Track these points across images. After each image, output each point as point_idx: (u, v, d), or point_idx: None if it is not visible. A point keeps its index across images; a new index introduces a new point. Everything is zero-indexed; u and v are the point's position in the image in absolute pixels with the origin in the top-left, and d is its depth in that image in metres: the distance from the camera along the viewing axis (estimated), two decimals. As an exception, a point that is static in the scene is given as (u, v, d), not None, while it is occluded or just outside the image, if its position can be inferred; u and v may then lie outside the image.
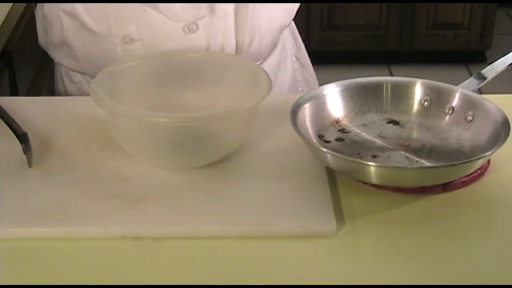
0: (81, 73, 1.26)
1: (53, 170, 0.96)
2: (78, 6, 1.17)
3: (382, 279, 0.79)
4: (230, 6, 1.17)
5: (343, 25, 3.13)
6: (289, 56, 1.35)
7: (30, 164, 0.96)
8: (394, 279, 0.79)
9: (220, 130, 0.94)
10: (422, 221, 0.88)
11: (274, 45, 1.28)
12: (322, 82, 1.05)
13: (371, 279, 0.79)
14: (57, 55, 1.25)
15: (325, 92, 1.03)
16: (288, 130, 0.96)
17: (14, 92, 1.86)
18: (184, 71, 1.05)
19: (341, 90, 1.04)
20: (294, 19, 1.32)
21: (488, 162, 0.96)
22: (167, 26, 1.15)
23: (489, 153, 0.89)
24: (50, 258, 0.82)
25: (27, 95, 1.75)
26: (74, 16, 1.18)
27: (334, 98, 1.03)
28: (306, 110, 1.00)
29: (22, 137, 0.99)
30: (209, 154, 0.95)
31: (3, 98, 1.14)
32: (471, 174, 0.92)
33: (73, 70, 1.27)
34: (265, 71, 0.99)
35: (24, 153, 0.97)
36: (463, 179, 0.92)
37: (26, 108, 1.11)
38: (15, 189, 0.92)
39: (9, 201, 0.89)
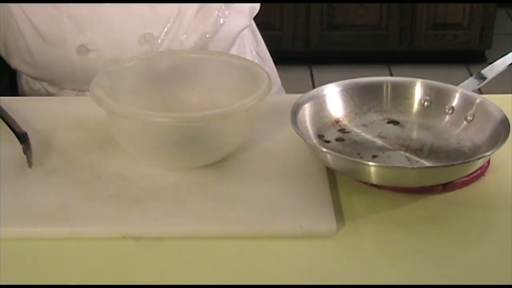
0: (38, 79, 1.26)
1: (53, 170, 0.96)
2: (35, 13, 1.16)
3: (382, 279, 0.79)
4: (191, 18, 1.17)
5: (343, 25, 3.13)
6: (248, 50, 1.36)
7: (30, 164, 0.96)
8: (394, 279, 0.79)
9: (220, 130, 0.94)
10: (422, 221, 0.88)
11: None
12: (322, 82, 1.05)
13: (371, 279, 0.79)
14: (13, 61, 1.25)
15: (325, 92, 1.03)
16: (288, 130, 0.96)
17: (14, 92, 1.86)
18: (185, 71, 1.05)
19: (341, 90, 1.04)
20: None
21: (488, 162, 0.96)
22: (122, 37, 1.15)
23: (489, 153, 0.89)
24: (50, 258, 0.82)
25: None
26: (31, 23, 1.17)
27: (334, 98, 1.03)
28: (306, 110, 1.00)
29: (22, 137, 0.99)
30: (209, 154, 0.95)
31: (3, 98, 1.14)
32: (471, 174, 0.92)
33: (30, 77, 1.27)
34: (265, 71, 0.99)
35: (24, 153, 0.97)
36: (463, 179, 0.92)
37: (26, 108, 1.11)
38: (15, 189, 0.92)
39: (9, 201, 0.89)
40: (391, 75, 3.08)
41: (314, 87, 1.04)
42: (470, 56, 3.22)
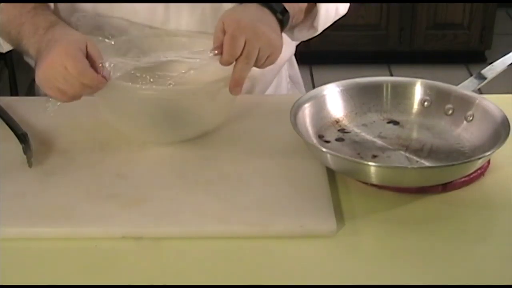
0: None
1: (53, 170, 0.96)
2: None
3: (382, 279, 0.79)
4: None
5: (343, 25, 3.12)
6: (284, 78, 1.33)
7: (30, 164, 0.96)
8: (394, 279, 0.79)
9: (190, 107, 0.97)
10: (422, 221, 0.88)
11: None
12: (322, 82, 1.05)
13: (371, 279, 0.79)
14: None
15: (325, 92, 1.03)
16: (288, 130, 0.96)
17: (14, 92, 1.86)
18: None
19: (341, 90, 1.04)
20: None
21: (488, 162, 0.96)
22: None
23: (489, 153, 0.89)
24: (50, 258, 0.82)
25: (27, 95, 1.75)
26: None
27: (334, 98, 1.03)
28: (306, 110, 1.00)
29: (22, 137, 1.00)
30: (181, 129, 0.99)
31: (3, 98, 1.14)
32: (471, 174, 0.92)
33: None
34: None
35: (24, 153, 0.97)
36: (463, 179, 0.92)
37: (26, 108, 1.11)
38: (15, 189, 0.92)
39: (9, 201, 0.89)
40: (391, 75, 3.08)
41: (314, 87, 1.04)
42: (470, 56, 3.22)
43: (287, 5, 1.03)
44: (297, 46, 1.35)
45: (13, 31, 1.04)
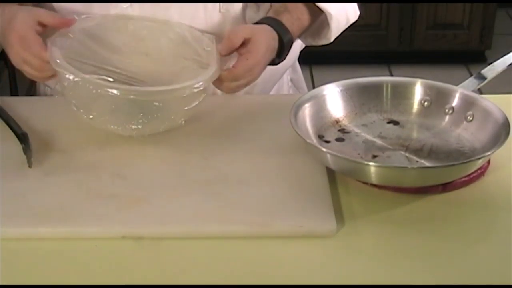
0: None
1: (53, 170, 0.96)
2: None
3: (382, 279, 0.79)
4: None
5: (343, 25, 3.12)
6: (285, 83, 1.32)
7: (30, 164, 0.96)
8: (394, 279, 0.79)
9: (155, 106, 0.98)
10: (422, 221, 0.88)
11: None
12: (322, 82, 1.05)
13: (371, 279, 0.79)
14: None
15: (325, 92, 1.03)
16: (288, 130, 0.96)
17: (14, 92, 1.86)
18: (140, 37, 1.09)
19: (341, 90, 1.04)
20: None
21: (488, 162, 0.96)
22: None
23: (489, 153, 0.89)
24: (50, 258, 0.82)
25: (27, 95, 1.75)
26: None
27: (334, 98, 1.03)
28: (306, 110, 1.00)
29: (22, 137, 1.00)
30: (153, 124, 0.99)
31: (3, 98, 1.14)
32: (471, 174, 0.92)
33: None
34: (216, 62, 1.01)
35: (24, 153, 0.97)
36: (463, 179, 0.92)
37: (26, 108, 1.11)
38: (15, 189, 0.92)
39: (9, 201, 0.89)
40: (391, 75, 3.08)
41: (314, 87, 1.04)
42: (470, 56, 3.22)
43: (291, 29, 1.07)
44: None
45: None
